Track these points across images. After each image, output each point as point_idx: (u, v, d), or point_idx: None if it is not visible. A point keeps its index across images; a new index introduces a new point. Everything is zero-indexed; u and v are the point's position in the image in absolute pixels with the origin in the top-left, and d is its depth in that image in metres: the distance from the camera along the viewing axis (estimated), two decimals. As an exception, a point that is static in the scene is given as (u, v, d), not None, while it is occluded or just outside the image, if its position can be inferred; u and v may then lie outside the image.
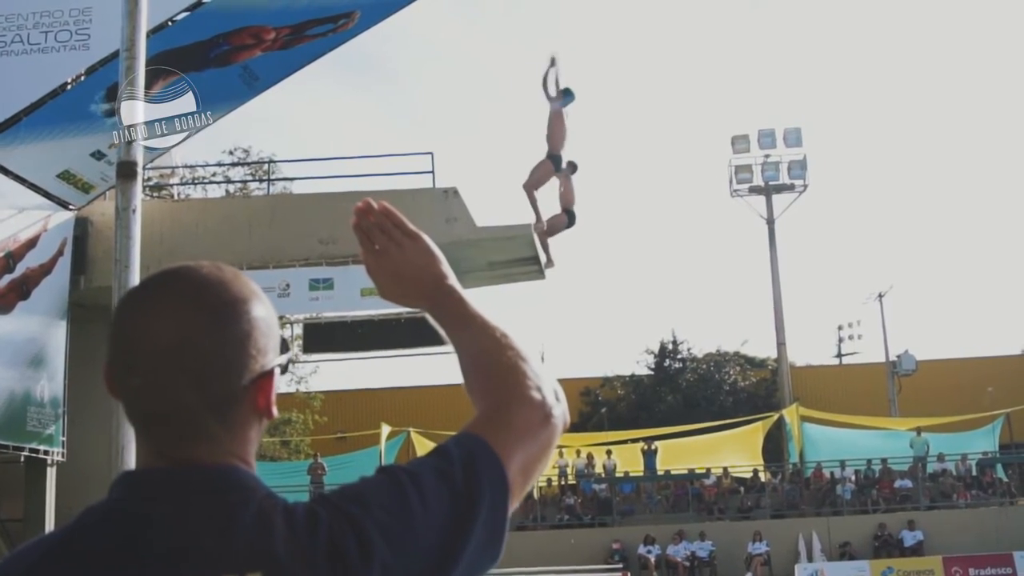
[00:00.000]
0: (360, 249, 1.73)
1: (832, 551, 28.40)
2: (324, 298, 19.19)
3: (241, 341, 1.40)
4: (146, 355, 1.37)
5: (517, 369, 1.57)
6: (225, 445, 1.40)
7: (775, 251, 43.31)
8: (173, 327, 1.37)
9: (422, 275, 1.69)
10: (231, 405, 1.40)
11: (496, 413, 1.53)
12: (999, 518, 28.98)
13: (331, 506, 1.36)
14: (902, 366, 44.16)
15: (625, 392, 48.63)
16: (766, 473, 34.11)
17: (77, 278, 19.22)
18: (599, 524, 30.65)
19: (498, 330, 1.63)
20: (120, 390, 1.41)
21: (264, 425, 1.48)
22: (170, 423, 1.38)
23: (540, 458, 1.54)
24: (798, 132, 44.06)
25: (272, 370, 1.44)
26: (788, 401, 39.21)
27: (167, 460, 1.38)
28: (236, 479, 1.38)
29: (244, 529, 1.31)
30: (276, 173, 29.89)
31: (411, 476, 1.41)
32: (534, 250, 20.12)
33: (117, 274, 4.57)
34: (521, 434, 1.50)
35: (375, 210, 1.70)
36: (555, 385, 1.60)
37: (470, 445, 1.46)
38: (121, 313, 1.43)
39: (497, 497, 1.44)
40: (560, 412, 1.57)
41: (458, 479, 1.41)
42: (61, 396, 18.60)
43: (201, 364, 1.37)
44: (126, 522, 1.33)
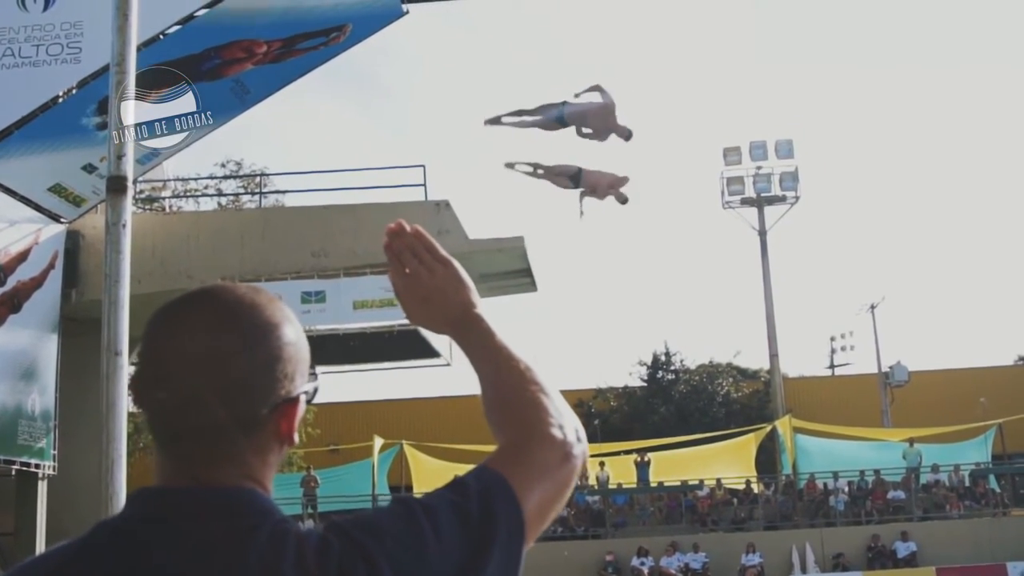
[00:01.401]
0: (390, 270, 1.72)
1: (825, 562, 28.39)
2: (316, 311, 19.17)
3: (270, 364, 1.40)
4: (174, 369, 1.37)
5: (539, 405, 1.56)
6: (244, 468, 1.40)
7: (767, 262, 43.36)
8: (203, 344, 1.38)
9: (450, 302, 1.68)
10: (254, 428, 1.39)
11: (516, 449, 1.51)
12: (992, 529, 28.99)
13: (344, 535, 1.34)
14: (895, 377, 44.19)
15: (618, 404, 48.60)
16: (759, 484, 34.10)
17: (68, 291, 19.21)
18: (592, 536, 30.62)
19: (522, 363, 1.62)
20: (145, 403, 1.42)
21: (284, 452, 1.47)
22: (192, 440, 1.38)
23: (558, 497, 1.52)
24: (790, 144, 44.14)
25: (298, 397, 1.44)
26: (781, 412, 39.20)
27: (185, 479, 1.38)
28: (251, 503, 1.37)
29: (256, 554, 1.30)
30: (268, 186, 29.89)
31: (426, 509, 1.39)
32: (526, 262, 20.14)
33: (107, 289, 4.56)
34: (540, 472, 1.49)
35: (407, 232, 1.69)
36: (577, 424, 1.59)
37: (488, 480, 1.45)
38: (153, 326, 1.43)
39: (512, 535, 1.42)
40: (580, 452, 1.56)
41: (474, 515, 1.40)
42: (52, 409, 18.57)
43: (228, 383, 1.37)
44: (137, 542, 1.33)
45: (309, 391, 1.48)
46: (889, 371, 44.58)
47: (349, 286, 19.18)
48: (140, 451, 27.20)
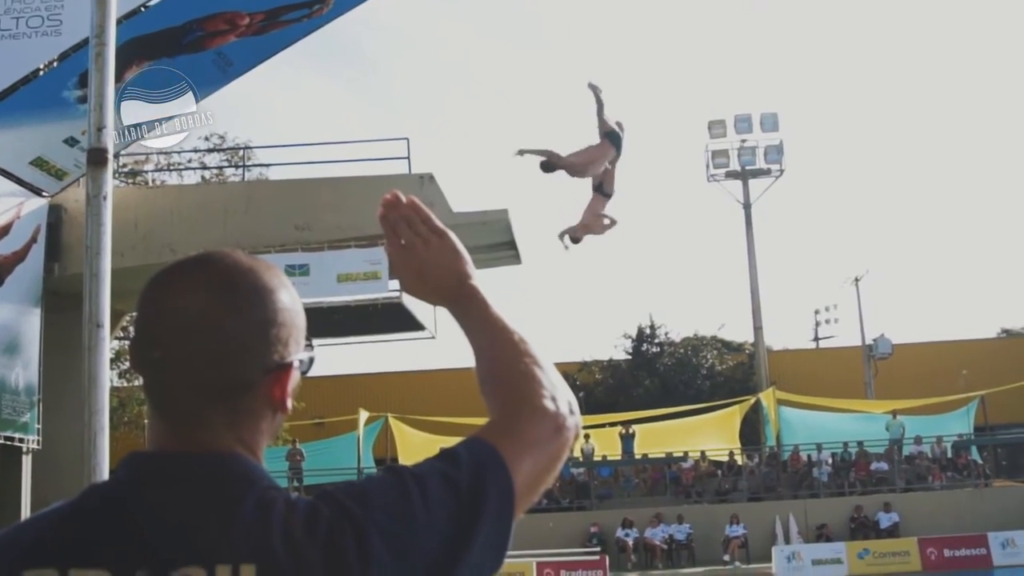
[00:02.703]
0: (385, 242, 1.71)
1: (809, 533, 28.58)
2: (300, 284, 19.07)
3: (264, 328, 1.41)
4: (169, 330, 1.39)
5: (533, 377, 1.56)
6: (236, 431, 1.40)
7: (752, 235, 43.39)
8: (198, 305, 1.39)
9: (446, 273, 1.67)
10: (246, 391, 1.40)
11: (508, 421, 1.51)
12: (974, 499, 29.22)
13: (333, 503, 1.34)
14: (878, 350, 44.38)
15: (603, 376, 48.72)
16: (743, 456, 34.26)
17: (51, 265, 19.13)
18: (577, 508, 30.75)
19: (516, 335, 1.62)
20: (141, 364, 1.42)
21: (278, 420, 1.47)
22: (185, 401, 1.39)
23: (549, 469, 1.52)
24: (774, 117, 44.12)
25: (292, 363, 1.44)
26: (765, 385, 39.35)
27: (176, 443, 1.39)
28: (240, 469, 1.38)
29: (242, 521, 1.31)
30: (252, 160, 29.76)
31: (417, 479, 1.39)
32: (510, 235, 20.12)
33: (88, 261, 4.53)
34: (532, 444, 1.49)
35: (402, 203, 1.68)
36: (570, 396, 1.59)
37: (479, 452, 1.45)
38: (150, 289, 1.44)
39: (502, 506, 1.42)
40: (573, 424, 1.56)
41: (464, 485, 1.40)
42: (36, 384, 18.53)
43: (222, 344, 1.38)
44: (125, 507, 1.34)
45: (304, 360, 1.48)
46: (873, 344, 44.78)
47: (333, 259, 19.15)
48: (125, 425, 27.21)
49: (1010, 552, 25.99)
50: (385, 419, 35.35)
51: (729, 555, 27.76)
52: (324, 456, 32.63)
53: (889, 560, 26.20)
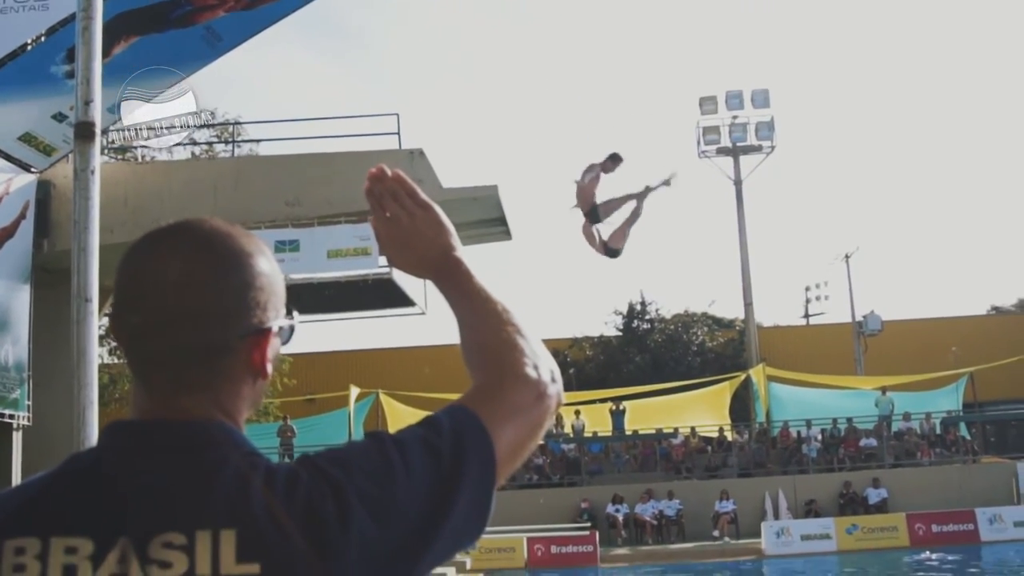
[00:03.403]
0: (371, 215, 1.72)
1: (798, 509, 28.74)
2: (290, 260, 19.10)
3: (242, 291, 1.41)
4: (149, 293, 1.39)
5: (515, 346, 1.57)
6: (215, 396, 1.41)
7: (742, 212, 43.45)
8: (177, 268, 1.39)
9: (431, 245, 1.69)
10: (226, 354, 1.40)
11: (490, 388, 1.52)
12: (962, 475, 29.39)
13: (313, 468, 1.35)
14: (868, 326, 44.47)
15: (593, 353, 48.81)
16: (733, 432, 34.38)
17: (40, 241, 19.06)
18: (568, 484, 30.88)
19: (500, 305, 1.63)
20: (120, 329, 1.43)
21: (260, 387, 1.47)
22: (163, 365, 1.39)
23: (531, 436, 1.53)
24: (766, 93, 44.10)
25: (270, 329, 1.44)
26: (755, 361, 39.47)
27: (157, 410, 1.39)
28: (220, 436, 1.38)
29: (222, 486, 1.31)
30: (241, 135, 29.67)
31: (398, 444, 1.39)
32: (500, 211, 20.10)
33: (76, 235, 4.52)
34: (513, 411, 1.50)
35: (388, 176, 1.70)
36: (552, 365, 1.60)
37: (461, 418, 1.46)
38: (129, 255, 1.44)
39: (483, 472, 1.42)
40: (555, 392, 1.57)
41: (445, 451, 1.40)
42: (26, 360, 18.49)
43: (201, 307, 1.38)
44: (107, 475, 1.34)
45: (284, 327, 1.49)
46: (863, 320, 44.87)
47: (323, 235, 19.12)
48: (115, 402, 27.20)
49: (997, 528, 26.17)
50: (376, 395, 35.42)
51: (719, 531, 27.91)
52: (315, 432, 32.69)
53: (877, 535, 26.36)
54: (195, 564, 1.27)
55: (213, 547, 1.27)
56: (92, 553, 1.29)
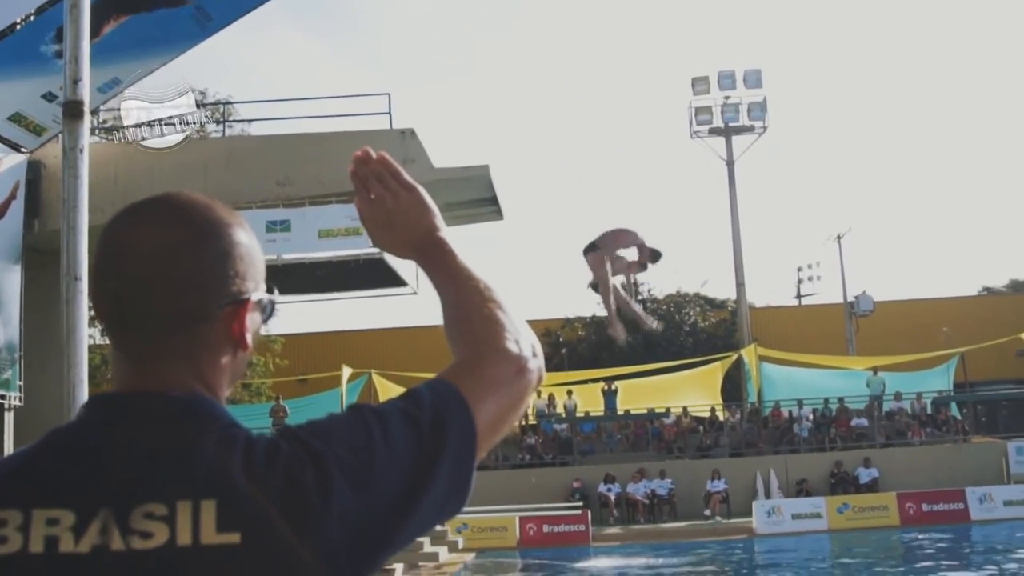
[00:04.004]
0: (355, 196, 1.73)
1: (789, 488, 28.85)
2: (281, 240, 19.08)
3: (221, 260, 1.42)
4: (128, 260, 1.40)
5: (496, 321, 1.58)
6: (195, 366, 1.42)
7: (735, 192, 43.46)
8: (157, 235, 1.40)
9: (415, 226, 1.70)
10: (205, 321, 1.41)
11: (471, 362, 1.53)
12: (952, 455, 29.51)
13: (294, 439, 1.36)
14: (859, 307, 44.55)
15: (586, 333, 48.82)
16: (725, 412, 34.47)
17: (31, 222, 19.03)
18: (560, 463, 30.96)
19: (482, 282, 1.65)
20: (99, 294, 1.43)
21: (240, 360, 1.48)
22: (143, 334, 1.40)
23: (512, 410, 1.54)
24: (758, 74, 44.08)
25: (249, 299, 1.45)
26: (747, 341, 39.55)
27: (137, 381, 1.41)
28: (200, 408, 1.39)
29: (202, 457, 1.32)
30: (233, 116, 29.58)
31: (378, 416, 1.40)
32: (491, 191, 20.08)
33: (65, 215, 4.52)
34: (494, 385, 1.51)
35: (373, 159, 1.71)
36: (533, 340, 1.61)
37: (441, 391, 1.47)
38: (109, 225, 1.45)
39: (464, 444, 1.43)
40: (536, 367, 1.58)
41: (425, 423, 1.41)
42: (17, 341, 18.47)
43: (180, 273, 1.39)
44: (86, 447, 1.35)
45: (265, 303, 1.49)
46: (854, 301, 44.95)
47: (314, 215, 19.10)
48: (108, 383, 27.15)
49: (987, 507, 26.32)
50: (368, 375, 35.44)
51: (710, 510, 28.02)
52: (307, 412, 32.41)
53: (868, 514, 26.48)
54: (176, 534, 1.28)
55: (194, 517, 1.28)
56: (74, 524, 1.30)
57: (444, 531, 22.38)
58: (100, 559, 1.28)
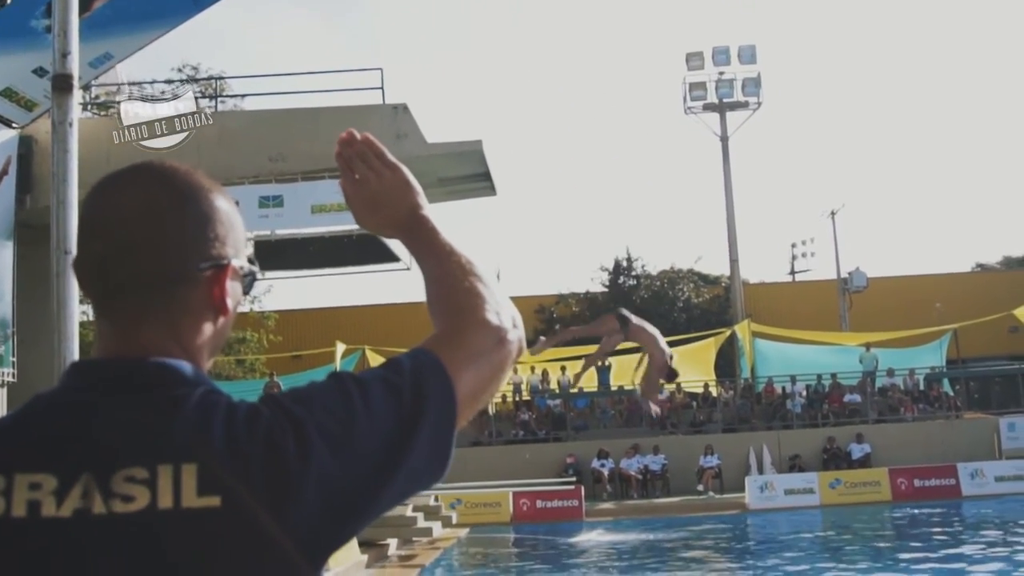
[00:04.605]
0: (340, 178, 1.76)
1: (782, 464, 28.95)
2: (274, 215, 19.04)
3: (202, 223, 1.45)
4: (110, 222, 1.43)
5: (477, 293, 1.60)
6: (175, 330, 1.44)
7: (729, 168, 43.37)
8: (138, 198, 1.43)
9: (398, 205, 1.73)
10: (186, 284, 1.43)
11: (451, 333, 1.56)
12: (945, 431, 29.62)
13: (275, 405, 1.37)
14: (853, 283, 44.61)
15: (580, 309, 48.82)
16: (718, 388, 34.53)
17: (23, 197, 18.95)
18: (553, 439, 31.04)
19: (464, 257, 1.67)
20: (82, 257, 1.46)
21: (221, 327, 1.50)
22: (125, 296, 1.42)
23: (492, 380, 1.56)
24: (752, 49, 43.94)
25: (230, 263, 1.47)
26: (740, 317, 39.57)
27: (118, 347, 1.42)
28: (181, 373, 1.40)
29: (183, 422, 1.33)
30: (225, 91, 29.49)
31: (359, 383, 1.42)
32: (485, 166, 20.04)
33: (55, 188, 4.52)
34: (474, 355, 1.53)
35: (357, 140, 1.74)
36: (514, 312, 1.63)
37: (422, 360, 1.48)
38: (92, 191, 1.48)
39: (444, 412, 1.45)
40: (516, 338, 1.60)
41: (406, 391, 1.43)
42: (10, 317, 18.42)
43: (162, 235, 1.42)
44: (68, 413, 1.36)
45: (246, 272, 1.52)
46: (848, 277, 45.00)
47: (307, 190, 19.04)
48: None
49: (978, 482, 26.44)
50: (362, 351, 35.44)
51: (703, 485, 28.12)
52: (301, 388, 32.70)
53: (860, 490, 26.60)
54: (157, 497, 1.29)
55: (175, 481, 1.30)
56: (56, 488, 1.31)
57: (438, 506, 22.45)
58: (82, 522, 1.30)
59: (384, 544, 18.25)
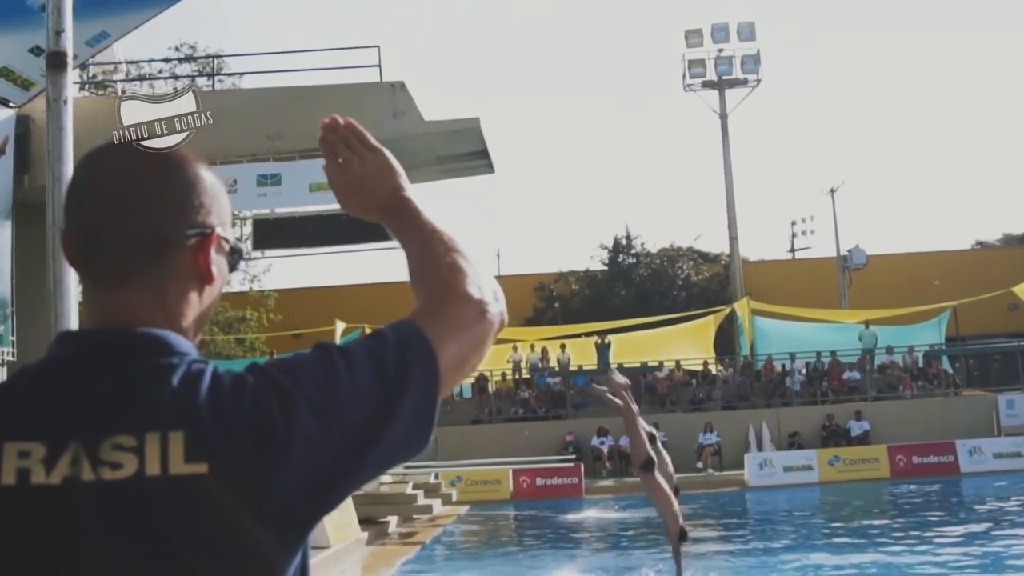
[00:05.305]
0: (324, 162, 1.79)
1: (781, 441, 29.03)
2: (272, 194, 19.03)
3: (188, 188, 1.49)
4: (97, 187, 1.47)
5: (459, 268, 1.63)
6: (161, 300, 1.46)
7: (728, 146, 43.38)
8: (125, 164, 1.48)
9: (381, 187, 1.76)
10: (171, 248, 1.46)
11: (433, 306, 1.58)
12: (943, 408, 29.68)
13: (260, 374, 1.40)
14: (853, 260, 44.64)
15: (579, 287, 48.93)
16: (717, 366, 34.61)
17: (21, 177, 18.92)
18: (553, 417, 31.13)
19: (446, 235, 1.70)
20: (69, 223, 1.50)
21: (207, 296, 1.52)
22: (111, 259, 1.45)
23: (474, 351, 1.59)
24: (751, 26, 43.90)
25: (215, 231, 1.50)
26: (740, 295, 39.62)
27: (105, 317, 1.45)
28: (167, 343, 1.43)
29: (170, 390, 1.36)
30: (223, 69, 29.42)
31: (344, 354, 1.44)
32: (483, 144, 19.99)
33: (50, 165, 4.51)
34: (456, 326, 1.55)
35: (340, 125, 1.77)
36: (495, 286, 1.66)
37: (406, 331, 1.51)
38: (80, 161, 1.53)
39: (427, 382, 1.47)
40: (497, 311, 1.63)
41: (389, 361, 1.45)
42: (9, 297, 18.42)
43: (148, 199, 1.46)
44: (56, 382, 1.39)
45: (231, 243, 1.55)
46: (848, 255, 45.02)
47: (305, 168, 18.97)
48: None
49: (977, 459, 26.52)
50: (362, 330, 35.46)
51: (702, 462, 28.21)
52: (301, 367, 32.75)
53: (859, 467, 26.68)
54: (145, 465, 1.31)
55: (162, 448, 1.32)
56: (45, 456, 1.33)
57: (438, 484, 22.51)
58: (71, 490, 1.32)
59: (384, 521, 18.31)
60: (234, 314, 39.22)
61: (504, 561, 16.45)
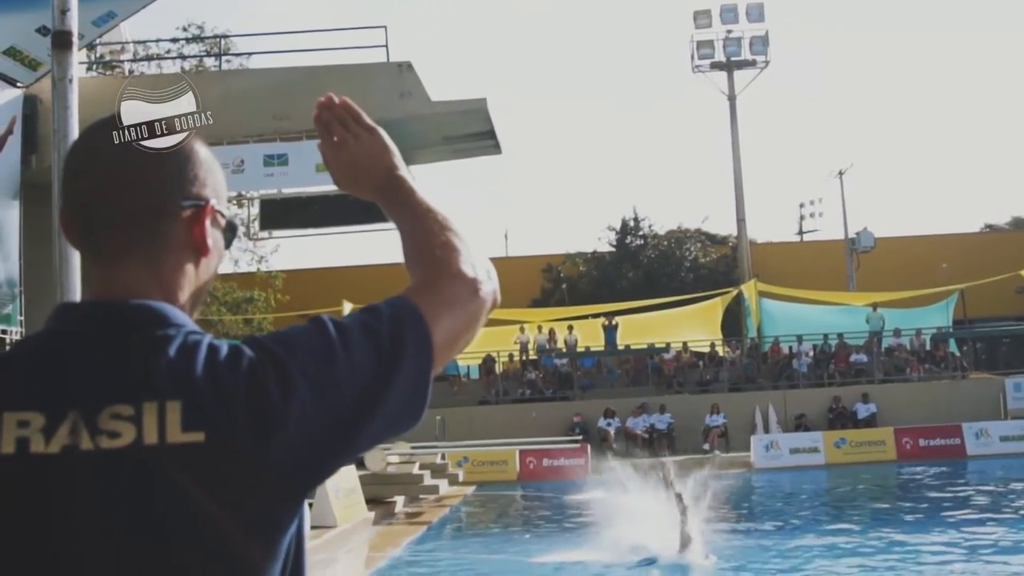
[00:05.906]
0: (319, 141, 1.80)
1: (787, 423, 29.04)
2: (279, 174, 19.07)
3: (184, 163, 1.51)
4: (93, 160, 1.49)
5: (452, 247, 1.65)
6: (157, 272, 1.48)
7: (736, 128, 43.29)
8: (121, 139, 1.49)
9: (376, 167, 1.76)
10: (167, 219, 1.48)
11: (427, 283, 1.60)
12: (950, 391, 29.66)
13: (257, 345, 1.42)
14: (861, 243, 44.53)
15: (587, 268, 48.89)
16: (724, 347, 34.60)
17: (29, 157, 18.97)
18: (560, 398, 31.16)
19: (440, 214, 1.71)
20: (68, 198, 1.51)
21: (203, 269, 1.54)
22: (108, 234, 1.47)
23: (467, 328, 1.60)
24: (760, 7, 43.75)
25: (210, 203, 1.52)
26: (747, 277, 39.59)
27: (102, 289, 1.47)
28: (163, 315, 1.44)
29: (167, 360, 1.38)
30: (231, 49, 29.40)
31: (339, 327, 1.46)
32: (490, 124, 19.97)
33: (56, 145, 4.52)
34: (449, 303, 1.57)
35: (336, 104, 1.77)
36: (488, 265, 1.68)
37: (400, 307, 1.52)
38: (78, 137, 1.56)
39: (421, 356, 1.49)
40: (489, 289, 1.64)
41: (384, 335, 1.47)
42: (17, 276, 18.48)
43: (143, 170, 1.48)
44: (55, 352, 1.41)
45: (227, 217, 1.57)
46: (855, 237, 44.92)
47: (311, 148, 18.91)
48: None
49: (983, 442, 26.51)
50: (369, 311, 35.52)
51: (709, 444, 28.23)
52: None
53: (865, 449, 26.68)
54: (143, 434, 1.33)
55: (160, 417, 1.34)
56: (44, 426, 1.35)
57: (445, 464, 22.58)
58: (70, 458, 1.34)
59: (391, 501, 18.39)
60: (242, 295, 39.26)
61: (510, 541, 16.50)
